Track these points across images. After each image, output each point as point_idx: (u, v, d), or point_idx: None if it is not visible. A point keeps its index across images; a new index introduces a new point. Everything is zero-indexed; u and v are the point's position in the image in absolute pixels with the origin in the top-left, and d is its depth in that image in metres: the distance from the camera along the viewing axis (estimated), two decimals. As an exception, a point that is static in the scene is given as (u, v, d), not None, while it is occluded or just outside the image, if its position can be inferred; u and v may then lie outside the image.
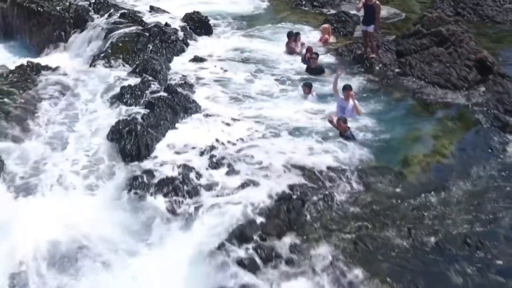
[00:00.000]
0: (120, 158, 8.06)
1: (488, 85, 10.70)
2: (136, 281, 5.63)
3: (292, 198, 6.96)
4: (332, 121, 9.13)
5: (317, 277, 5.77)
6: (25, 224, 6.16)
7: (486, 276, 5.93)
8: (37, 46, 15.62)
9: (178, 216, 6.77)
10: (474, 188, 7.55)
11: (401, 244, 6.38)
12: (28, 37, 16.25)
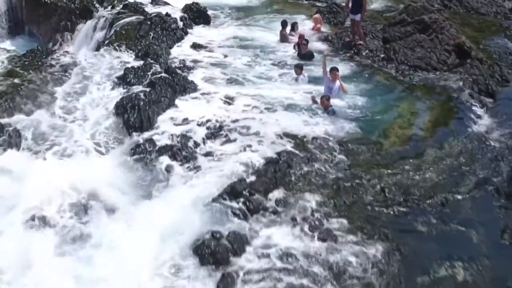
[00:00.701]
0: (125, 130, 8.79)
1: (465, 68, 11.43)
2: (139, 224, 6.37)
3: (279, 161, 7.70)
4: (314, 100, 9.87)
5: (298, 225, 6.50)
6: (46, 178, 6.92)
7: (448, 226, 6.68)
8: (45, 36, 16.33)
9: (177, 175, 7.53)
10: (444, 155, 8.27)
11: (374, 200, 7.12)
12: (36, 27, 16.98)
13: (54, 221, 6.38)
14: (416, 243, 6.35)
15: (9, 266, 5.77)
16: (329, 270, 5.76)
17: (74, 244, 6.18)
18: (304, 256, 5.95)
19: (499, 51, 13.16)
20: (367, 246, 6.18)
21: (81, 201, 6.73)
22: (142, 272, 5.72)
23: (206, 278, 5.64)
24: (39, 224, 6.32)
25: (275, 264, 5.83)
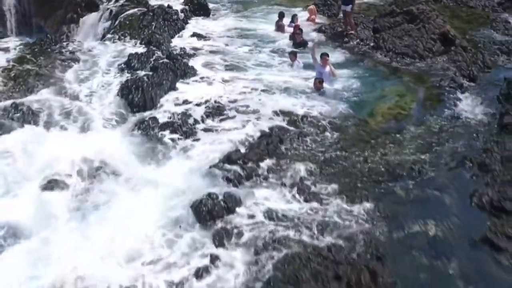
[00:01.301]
0: (129, 109, 9.43)
1: (449, 55, 12.07)
2: (143, 188, 7.01)
3: (272, 135, 8.33)
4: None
5: (287, 189, 7.12)
6: (60, 148, 7.57)
7: (424, 191, 7.26)
8: (52, 29, 16.90)
9: (178, 146, 8.17)
10: (424, 131, 8.89)
11: (358, 169, 7.72)
12: (43, 21, 17.57)
13: (68, 184, 7.02)
14: (394, 205, 6.93)
15: (30, 223, 6.39)
16: (313, 226, 6.36)
17: (86, 204, 6.80)
18: (292, 214, 6.57)
19: (484, 41, 13.79)
20: (350, 207, 6.78)
21: (92, 168, 7.36)
22: (147, 228, 6.33)
23: (203, 231, 6.25)
24: (55, 187, 6.95)
25: (265, 220, 6.45)
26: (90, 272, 5.66)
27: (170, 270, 5.70)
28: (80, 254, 5.86)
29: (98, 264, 5.71)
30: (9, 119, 8.56)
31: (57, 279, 5.56)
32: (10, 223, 6.38)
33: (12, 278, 5.57)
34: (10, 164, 7.37)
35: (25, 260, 5.87)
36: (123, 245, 6.01)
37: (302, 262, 5.30)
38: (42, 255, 5.93)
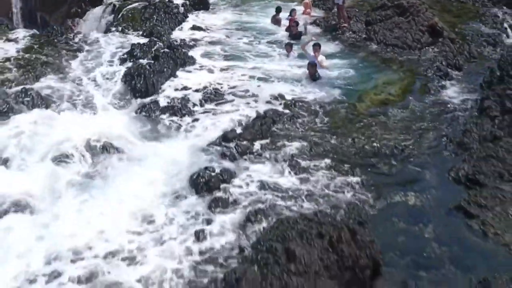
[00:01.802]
0: (132, 94, 9.95)
1: (437, 46, 12.60)
2: (144, 164, 7.53)
3: (265, 117, 8.85)
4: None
5: (278, 164, 7.63)
6: (69, 127, 8.10)
7: (406, 166, 7.79)
8: (56, 23, 17.42)
9: (177, 127, 8.70)
10: (409, 115, 9.41)
11: (345, 147, 8.24)
12: (48, 15, 18.12)
13: (76, 160, 7.54)
14: (378, 179, 7.45)
15: (41, 194, 6.91)
16: (302, 196, 6.89)
17: (93, 176, 7.32)
18: (282, 186, 7.09)
19: (472, 33, 14.28)
20: (336, 180, 7.30)
21: (98, 145, 7.87)
22: (149, 197, 6.86)
23: (201, 200, 6.78)
24: (64, 162, 7.48)
25: (257, 190, 6.97)
26: (97, 234, 6.18)
27: (171, 233, 6.22)
28: (88, 219, 6.38)
29: (107, 226, 6.22)
30: (20, 103, 9.05)
31: (64, 242, 6.06)
32: (23, 193, 6.88)
33: (23, 240, 6.07)
34: (22, 141, 7.88)
35: (33, 226, 6.36)
36: (128, 211, 6.53)
37: (289, 224, 5.78)
38: (50, 221, 6.43)
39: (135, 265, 5.80)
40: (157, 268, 5.72)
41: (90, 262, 5.74)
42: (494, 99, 9.03)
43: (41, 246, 5.99)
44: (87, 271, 5.63)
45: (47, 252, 5.92)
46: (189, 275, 5.57)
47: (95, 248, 6.02)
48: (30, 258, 5.80)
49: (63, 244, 6.05)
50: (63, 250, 5.97)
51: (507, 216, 6.48)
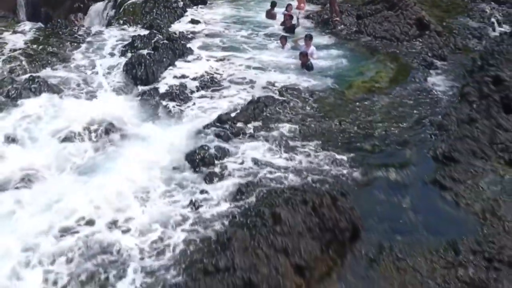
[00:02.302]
0: (133, 82, 10.46)
1: (424, 38, 13.10)
2: (145, 144, 8.06)
3: (259, 102, 9.36)
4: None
5: (269, 143, 8.14)
6: (74, 111, 8.63)
7: (389, 146, 8.28)
8: (60, 17, 17.92)
9: (175, 111, 9.21)
10: (394, 101, 9.91)
11: (332, 129, 8.75)
12: (51, 10, 18.65)
13: (81, 139, 8.07)
14: (362, 157, 7.94)
15: (48, 168, 7.43)
16: (290, 170, 7.41)
17: (96, 155, 7.84)
18: (272, 162, 7.59)
19: (458, 27, 14.76)
20: (323, 157, 7.81)
21: (101, 127, 8.39)
22: (149, 173, 7.38)
23: (196, 174, 7.30)
24: (70, 140, 8.01)
25: (249, 166, 7.48)
26: (99, 205, 6.69)
27: (168, 202, 6.75)
28: (91, 191, 6.88)
29: (111, 199, 6.74)
30: (27, 89, 9.55)
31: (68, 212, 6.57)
32: (31, 168, 7.40)
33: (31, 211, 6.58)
34: (31, 123, 8.41)
35: (41, 198, 6.86)
36: (128, 184, 7.04)
37: (277, 193, 6.30)
38: (56, 193, 6.93)
39: (134, 232, 6.30)
40: (154, 233, 6.23)
41: (92, 230, 6.23)
42: (473, 86, 9.52)
43: (47, 216, 6.47)
44: (88, 239, 6.11)
45: (52, 221, 6.41)
46: (185, 238, 6.08)
47: (97, 217, 6.51)
48: (37, 227, 6.27)
49: (68, 215, 6.54)
50: (68, 220, 6.48)
51: (478, 188, 7.00)
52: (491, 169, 7.41)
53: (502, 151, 7.76)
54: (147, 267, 5.65)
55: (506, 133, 8.05)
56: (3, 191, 6.89)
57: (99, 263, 5.76)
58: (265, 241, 5.52)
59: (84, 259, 5.79)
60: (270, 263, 5.26)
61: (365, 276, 5.64)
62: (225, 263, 5.19)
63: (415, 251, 5.90)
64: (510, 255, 5.48)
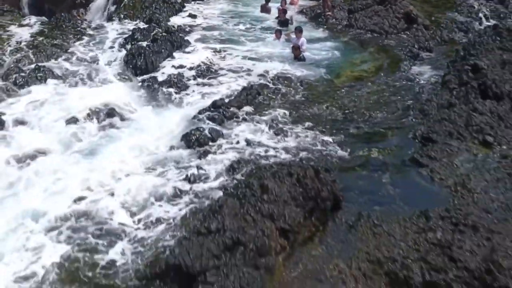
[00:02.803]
0: (133, 71, 11.00)
1: (411, 32, 13.63)
2: (144, 126, 8.60)
3: (252, 88, 9.89)
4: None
5: (260, 126, 8.67)
6: (78, 97, 9.17)
7: (372, 128, 8.78)
8: (62, 12, 18.49)
9: (173, 97, 9.76)
10: (379, 88, 10.42)
11: (320, 114, 9.27)
12: (54, 5, 19.12)
13: (85, 122, 8.61)
14: (346, 137, 8.43)
15: (56, 146, 7.97)
16: (279, 149, 7.93)
17: (99, 136, 8.38)
18: (262, 142, 8.10)
19: (446, 21, 15.28)
20: (310, 138, 8.33)
21: (104, 112, 8.94)
22: (146, 151, 7.91)
23: (192, 153, 7.83)
24: (74, 123, 8.55)
25: (240, 146, 8.00)
26: (102, 179, 7.23)
27: (165, 177, 7.28)
28: (94, 167, 7.43)
29: (110, 172, 7.27)
30: (34, 78, 10.10)
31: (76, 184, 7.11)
32: (40, 148, 7.94)
33: (44, 182, 7.13)
34: (38, 108, 8.95)
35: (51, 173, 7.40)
36: (128, 161, 7.58)
37: (266, 168, 6.79)
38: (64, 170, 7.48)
39: (131, 205, 6.82)
40: (150, 204, 6.76)
41: (94, 198, 6.77)
42: (454, 74, 10.04)
43: (57, 187, 7.03)
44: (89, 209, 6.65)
45: (63, 192, 6.96)
46: (180, 207, 6.61)
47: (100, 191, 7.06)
48: (51, 196, 6.82)
49: (75, 186, 7.10)
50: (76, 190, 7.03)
51: (452, 165, 7.50)
52: (465, 149, 7.92)
53: (476, 132, 8.26)
54: (142, 233, 6.15)
55: (481, 116, 8.55)
56: (9, 167, 7.40)
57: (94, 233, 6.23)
58: (253, 208, 6.03)
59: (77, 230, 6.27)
60: (257, 226, 5.78)
61: (344, 240, 6.15)
62: (216, 225, 5.70)
63: (391, 218, 6.39)
64: (474, 220, 5.98)
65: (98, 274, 5.53)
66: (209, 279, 5.21)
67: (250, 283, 5.24)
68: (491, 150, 7.87)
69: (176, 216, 6.52)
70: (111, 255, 5.80)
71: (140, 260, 5.63)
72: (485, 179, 7.07)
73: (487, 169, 7.29)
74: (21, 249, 5.97)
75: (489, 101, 8.94)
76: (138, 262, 5.62)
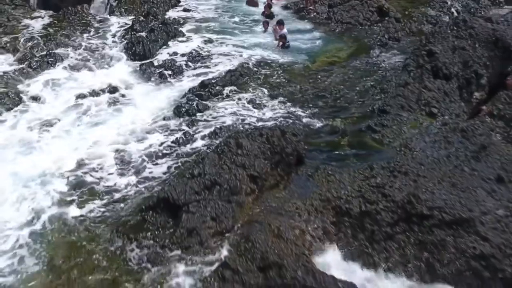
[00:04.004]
0: (133, 57, 12.30)
1: (383, 23, 14.92)
2: (142, 102, 9.91)
3: (236, 70, 11.20)
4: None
5: (242, 102, 9.99)
6: (84, 78, 10.49)
7: (338, 104, 10.10)
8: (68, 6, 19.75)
9: (167, 78, 11.07)
10: (349, 72, 11.68)
11: (295, 93, 10.57)
12: (60, 1, 20.38)
13: (92, 97, 9.94)
14: (315, 110, 9.73)
15: (67, 116, 9.29)
16: (255, 120, 9.27)
17: (103, 109, 9.69)
18: (243, 113, 9.46)
19: (418, 15, 16.55)
20: (284, 111, 9.68)
21: (107, 88, 10.26)
22: (143, 120, 9.22)
23: (181, 121, 9.14)
24: (82, 99, 9.87)
25: (223, 117, 9.33)
26: (107, 142, 8.54)
27: (157, 140, 8.60)
28: (99, 133, 8.74)
29: (118, 137, 8.60)
30: (46, 62, 11.40)
31: (85, 146, 8.44)
32: (54, 119, 9.25)
33: (59, 146, 8.44)
34: (50, 87, 10.26)
35: (63, 139, 8.72)
36: (127, 128, 8.90)
37: (243, 130, 8.14)
38: (74, 135, 8.79)
39: (130, 160, 8.13)
40: (145, 158, 8.07)
41: (98, 154, 8.09)
42: (413, 58, 11.29)
43: (68, 148, 8.35)
44: (94, 163, 7.97)
45: (74, 150, 8.29)
46: (169, 162, 7.93)
47: (104, 150, 8.38)
48: (64, 153, 8.15)
49: (83, 146, 8.43)
50: (85, 152, 8.35)
51: (400, 132, 8.81)
52: (413, 118, 9.23)
53: (424, 105, 9.57)
54: (137, 179, 7.48)
55: (429, 92, 9.85)
56: (29, 132, 8.74)
57: (97, 182, 7.56)
58: (229, 160, 7.34)
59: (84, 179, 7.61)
60: (232, 172, 7.09)
61: (303, 186, 7.46)
62: (198, 171, 7.01)
63: (343, 170, 7.69)
64: (407, 168, 7.29)
65: (106, 210, 6.86)
66: (191, 209, 6.53)
67: (224, 212, 6.57)
68: (435, 119, 9.19)
69: (166, 168, 7.85)
70: (115, 196, 7.15)
71: (138, 197, 6.95)
72: (425, 141, 8.38)
73: (428, 134, 8.60)
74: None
75: (439, 81, 10.23)
76: (136, 199, 6.94)
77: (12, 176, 7.41)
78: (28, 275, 5.74)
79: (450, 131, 8.61)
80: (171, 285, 5.49)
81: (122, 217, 6.63)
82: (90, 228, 6.40)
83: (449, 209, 6.37)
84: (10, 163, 7.78)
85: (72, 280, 5.63)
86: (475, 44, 11.61)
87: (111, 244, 6.10)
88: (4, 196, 6.99)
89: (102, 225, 6.50)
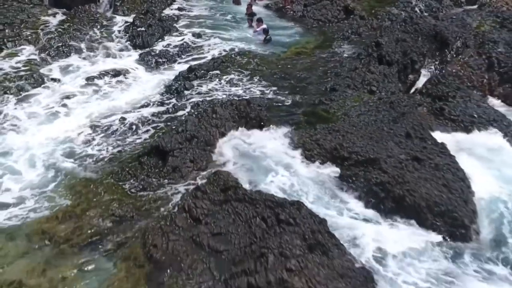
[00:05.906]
0: (133, 47, 14.46)
1: (349, 21, 17.05)
2: (142, 83, 12.07)
3: (218, 58, 13.36)
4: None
5: (222, 81, 12.16)
6: (96, 64, 12.66)
7: (299, 84, 12.26)
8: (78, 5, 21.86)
9: (163, 65, 13.22)
10: (312, 60, 13.83)
11: (266, 76, 12.72)
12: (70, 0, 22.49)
13: (101, 79, 12.09)
14: (281, 90, 11.85)
15: (79, 93, 11.47)
16: (232, 94, 11.43)
17: (110, 87, 11.85)
18: (222, 89, 11.62)
19: (383, 14, 18.66)
20: (256, 90, 11.82)
21: (113, 72, 12.42)
22: (141, 96, 11.39)
23: (172, 96, 11.31)
24: (93, 80, 12.03)
25: (206, 92, 11.50)
26: (116, 111, 10.71)
27: (151, 111, 10.76)
28: (107, 104, 10.91)
29: (121, 108, 10.76)
30: (61, 52, 13.55)
31: (98, 110, 10.61)
32: (68, 95, 11.41)
33: (76, 115, 10.61)
34: (66, 70, 12.40)
35: (78, 109, 10.89)
36: (128, 101, 11.06)
37: (222, 102, 10.29)
38: (86, 105, 10.97)
39: (130, 125, 10.30)
40: (141, 123, 10.23)
41: (106, 122, 10.27)
42: (364, 49, 13.49)
43: (82, 115, 10.52)
44: (103, 124, 10.14)
45: (87, 117, 10.46)
46: (162, 124, 10.09)
47: (111, 118, 10.54)
48: (79, 120, 10.33)
49: (95, 112, 10.60)
50: (97, 117, 10.51)
51: (344, 104, 10.94)
52: (356, 95, 11.39)
53: (367, 85, 11.72)
54: (135, 137, 9.65)
55: (372, 75, 12.01)
56: (51, 103, 10.91)
57: (104, 139, 9.75)
58: (206, 121, 9.49)
59: (94, 138, 9.80)
60: (207, 130, 9.24)
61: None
62: (182, 128, 9.15)
63: (294, 130, 9.85)
64: (340, 128, 9.43)
65: (113, 156, 9.03)
66: (175, 154, 8.67)
67: (199, 157, 8.72)
68: (374, 95, 11.36)
69: (158, 127, 10.02)
70: (117, 149, 9.32)
71: (137, 146, 9.13)
72: (361, 110, 10.53)
73: (364, 105, 10.75)
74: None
75: (382, 66, 12.41)
76: (135, 147, 9.12)
77: (38, 138, 9.56)
78: (55, 201, 7.88)
79: (382, 103, 10.79)
80: (159, 201, 7.64)
81: (125, 160, 8.79)
82: (102, 168, 8.57)
83: (363, 153, 8.53)
84: (36, 128, 9.90)
85: (89, 199, 7.77)
86: (418, 37, 13.83)
87: (117, 179, 8.26)
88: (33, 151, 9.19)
89: (109, 166, 8.66)
